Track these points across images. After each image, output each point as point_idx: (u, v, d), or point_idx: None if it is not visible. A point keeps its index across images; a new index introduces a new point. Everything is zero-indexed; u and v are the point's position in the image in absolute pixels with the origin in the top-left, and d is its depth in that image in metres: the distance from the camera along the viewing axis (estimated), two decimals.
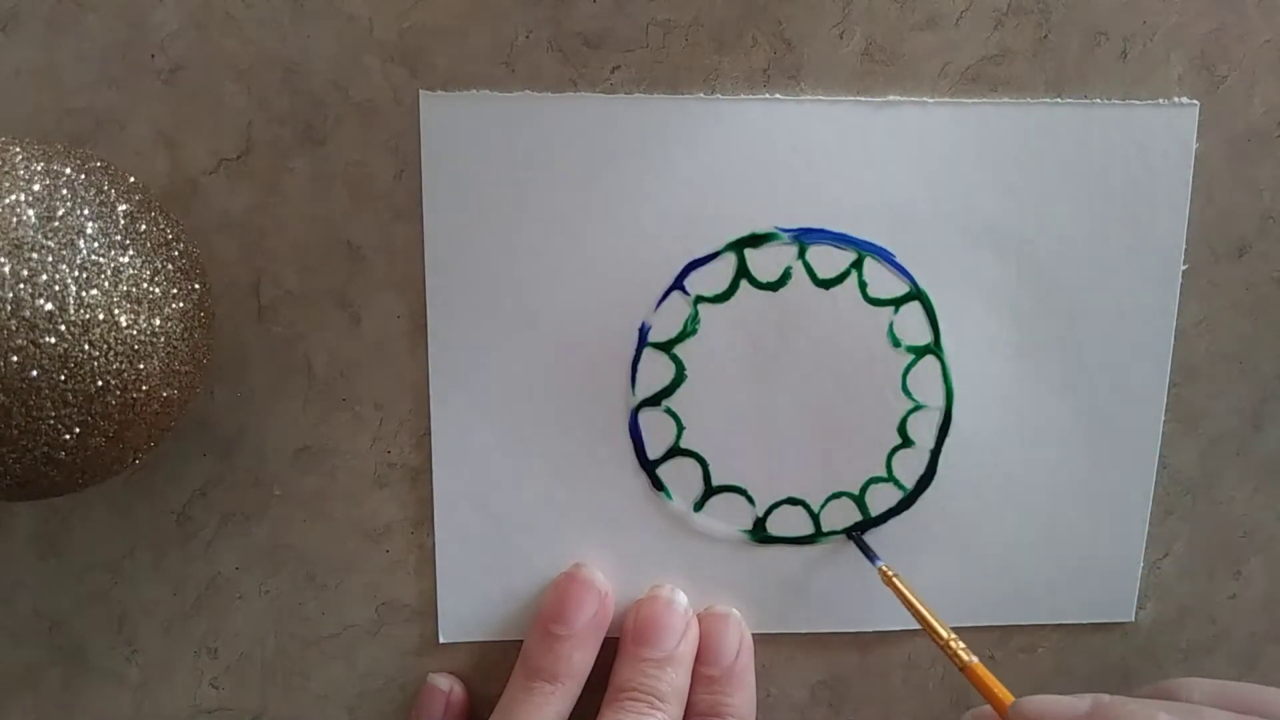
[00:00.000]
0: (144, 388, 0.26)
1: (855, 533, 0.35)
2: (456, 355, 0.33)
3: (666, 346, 0.34)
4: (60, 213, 0.25)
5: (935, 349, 0.34)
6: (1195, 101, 0.34)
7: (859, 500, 0.35)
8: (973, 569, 0.36)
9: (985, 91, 0.33)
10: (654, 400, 0.34)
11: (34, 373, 0.24)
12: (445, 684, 0.35)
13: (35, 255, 0.24)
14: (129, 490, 0.33)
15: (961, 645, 0.30)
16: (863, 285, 0.34)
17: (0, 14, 0.30)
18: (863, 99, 0.33)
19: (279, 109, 0.31)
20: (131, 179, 0.28)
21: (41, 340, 0.24)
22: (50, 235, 0.24)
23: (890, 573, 0.33)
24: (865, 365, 0.34)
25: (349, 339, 0.33)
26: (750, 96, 0.32)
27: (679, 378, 0.34)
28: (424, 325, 0.33)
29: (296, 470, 0.34)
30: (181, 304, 0.27)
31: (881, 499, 0.35)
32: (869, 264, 0.34)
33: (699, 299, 0.33)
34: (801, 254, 0.33)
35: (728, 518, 0.35)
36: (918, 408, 0.35)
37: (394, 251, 0.32)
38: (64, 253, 0.24)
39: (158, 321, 0.26)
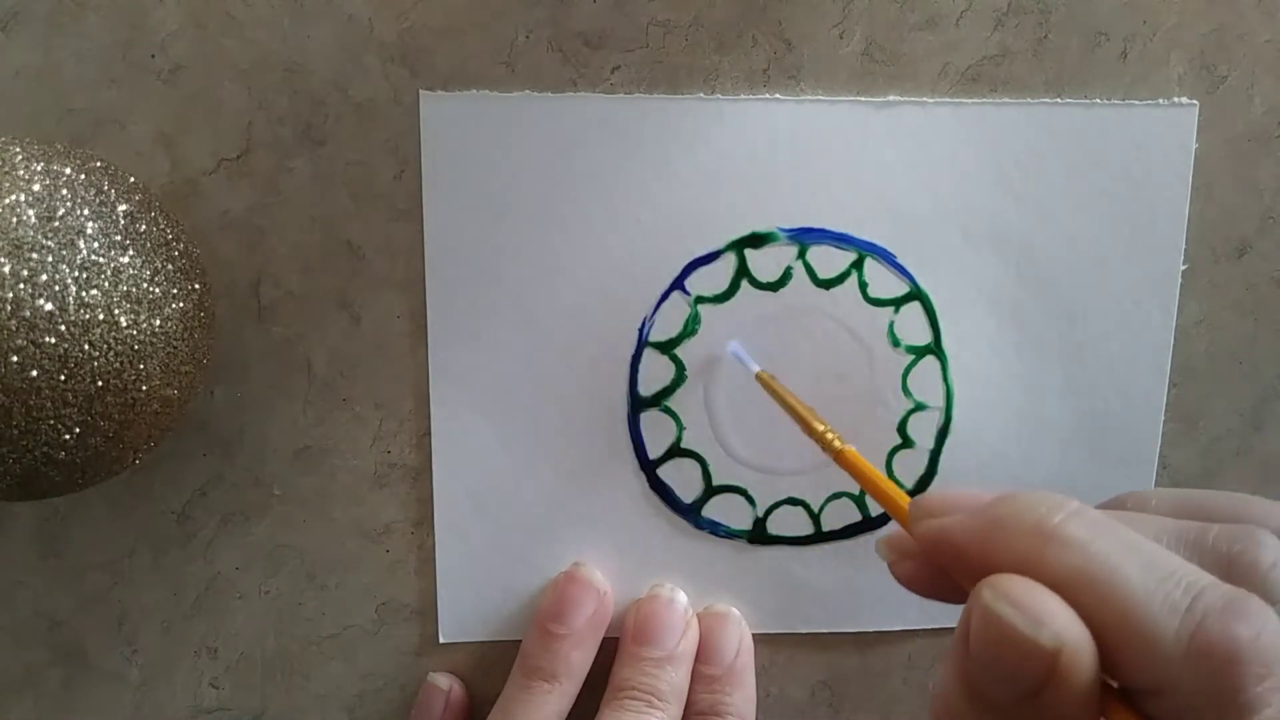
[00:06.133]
0: (144, 388, 0.26)
1: (733, 345, 0.33)
2: (456, 355, 0.33)
3: (666, 346, 0.34)
4: (60, 213, 0.25)
5: (935, 349, 0.34)
6: (1195, 101, 0.34)
7: (859, 500, 0.35)
8: None
9: (985, 91, 0.33)
10: (654, 400, 0.34)
11: (34, 373, 0.24)
12: (445, 683, 0.35)
13: (35, 255, 0.24)
14: (129, 490, 0.33)
15: (836, 435, 0.28)
16: (863, 285, 0.34)
17: (0, 14, 0.30)
18: (863, 99, 0.33)
19: (279, 109, 0.31)
20: (131, 179, 0.28)
21: (41, 340, 0.24)
22: (50, 235, 0.24)
23: (767, 376, 0.32)
24: (865, 365, 0.34)
25: (349, 339, 0.33)
26: (750, 96, 0.32)
27: (679, 378, 0.34)
28: (424, 325, 0.33)
29: (296, 470, 0.34)
30: (181, 304, 0.27)
31: None
32: (869, 264, 0.34)
33: (699, 299, 0.33)
34: (802, 254, 0.33)
35: (728, 518, 0.35)
36: (918, 408, 0.35)
37: (394, 251, 0.32)
38: (64, 253, 0.24)
39: (158, 321, 0.26)
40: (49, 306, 0.24)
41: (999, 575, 0.19)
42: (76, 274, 0.24)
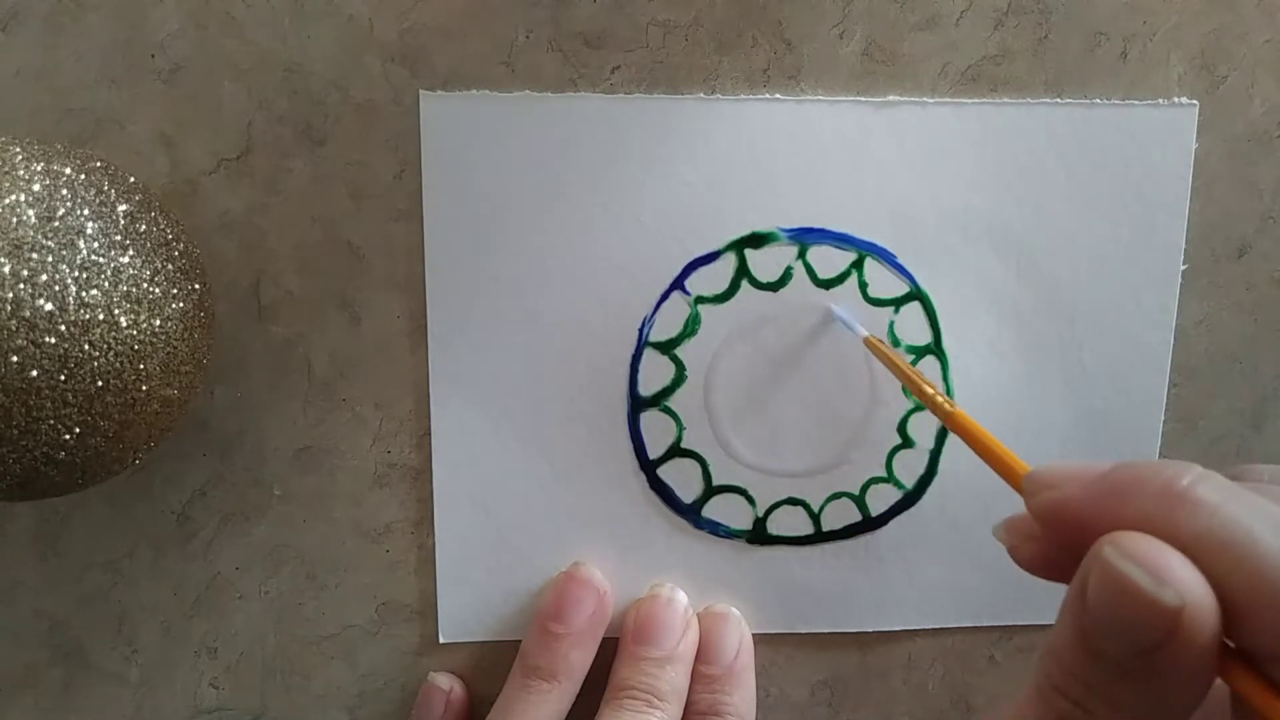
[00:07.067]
0: (144, 388, 0.26)
1: (838, 310, 0.33)
2: (456, 355, 0.33)
3: (666, 346, 0.34)
4: (60, 213, 0.25)
5: (935, 349, 0.34)
6: (1195, 102, 0.34)
7: (859, 500, 0.35)
8: (973, 569, 0.36)
9: (985, 91, 0.33)
10: (654, 400, 0.34)
11: (34, 373, 0.24)
12: (445, 683, 0.35)
13: (35, 255, 0.24)
14: (129, 490, 0.33)
15: (946, 399, 0.28)
16: (863, 285, 0.34)
17: (0, 14, 0.30)
18: (863, 99, 0.33)
19: (279, 109, 0.31)
20: (131, 179, 0.28)
21: (41, 340, 0.24)
22: (50, 235, 0.24)
23: (875, 340, 0.32)
24: (865, 365, 0.34)
25: (349, 339, 0.33)
26: (750, 96, 0.32)
27: (679, 378, 0.34)
28: (424, 325, 0.33)
29: (296, 470, 0.34)
30: (181, 304, 0.27)
31: (882, 499, 0.35)
32: (869, 264, 0.34)
33: (699, 299, 0.33)
34: (802, 254, 0.33)
35: (728, 518, 0.35)
36: (918, 408, 0.35)
37: (394, 251, 0.32)
38: (64, 253, 0.24)
39: (158, 321, 0.26)
40: (49, 306, 0.24)
41: (1121, 532, 0.19)
42: (76, 274, 0.24)
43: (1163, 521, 0.18)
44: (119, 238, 0.26)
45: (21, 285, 0.24)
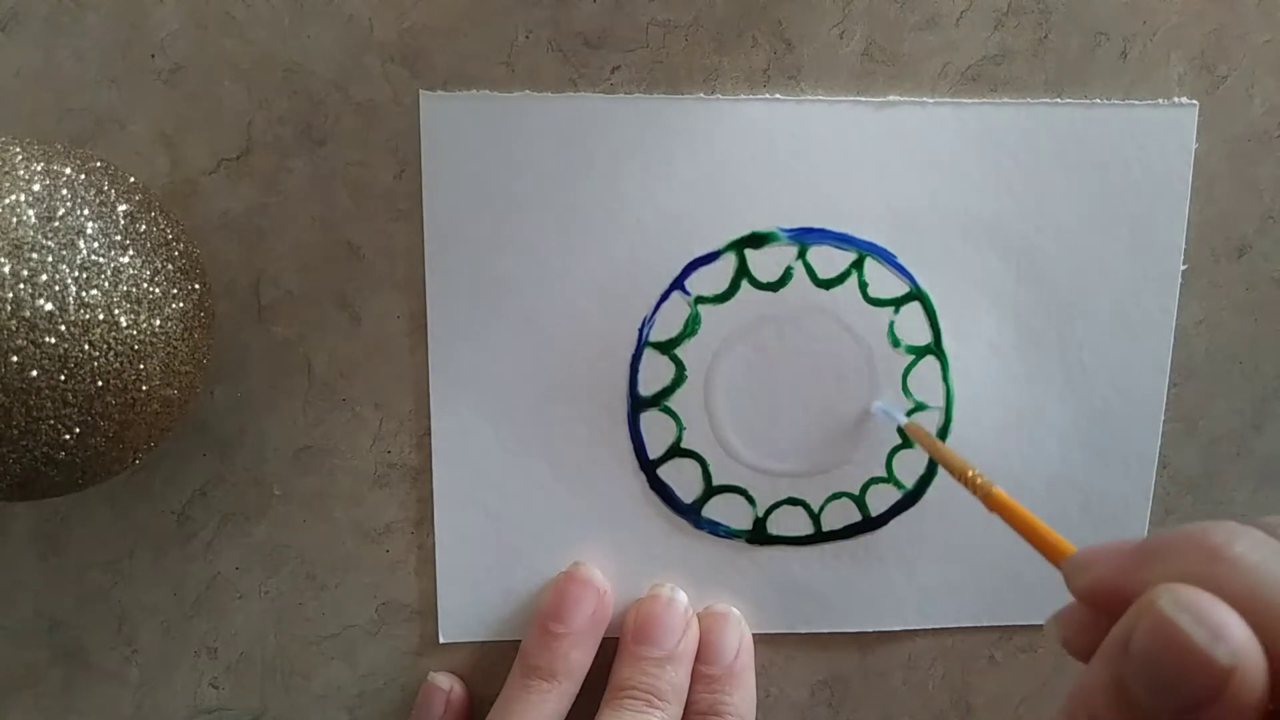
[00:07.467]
0: (144, 388, 0.26)
1: (878, 404, 0.34)
2: (456, 355, 0.33)
3: (666, 346, 0.34)
4: (60, 213, 0.25)
5: (935, 349, 0.34)
6: (1195, 101, 0.34)
7: (859, 500, 0.35)
8: (973, 569, 0.36)
9: (985, 91, 0.33)
10: (654, 400, 0.34)
11: (34, 373, 0.24)
12: (445, 683, 0.35)
13: (35, 255, 0.24)
14: (129, 490, 0.33)
15: (984, 478, 0.27)
16: (863, 285, 0.34)
17: (0, 14, 0.30)
18: (863, 99, 0.33)
19: (279, 109, 0.31)
20: (131, 179, 0.28)
21: (41, 340, 0.24)
22: (50, 235, 0.24)
23: (915, 426, 0.33)
24: (865, 365, 0.34)
25: (349, 339, 0.33)
26: (750, 96, 0.32)
27: (679, 378, 0.34)
28: (424, 325, 0.33)
29: (296, 470, 0.34)
30: (181, 304, 0.27)
31: (882, 499, 0.35)
32: (869, 264, 0.34)
33: (699, 299, 0.33)
34: (802, 254, 0.33)
35: (728, 518, 0.35)
36: (918, 408, 0.35)
37: (394, 251, 0.32)
38: (64, 253, 0.24)
39: (158, 321, 0.26)
40: (49, 306, 0.24)
41: (1177, 584, 0.18)
42: (76, 274, 0.24)
43: (1204, 580, 0.18)
44: (119, 238, 0.26)
45: (21, 285, 0.24)
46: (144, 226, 0.26)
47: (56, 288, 0.24)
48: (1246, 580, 0.17)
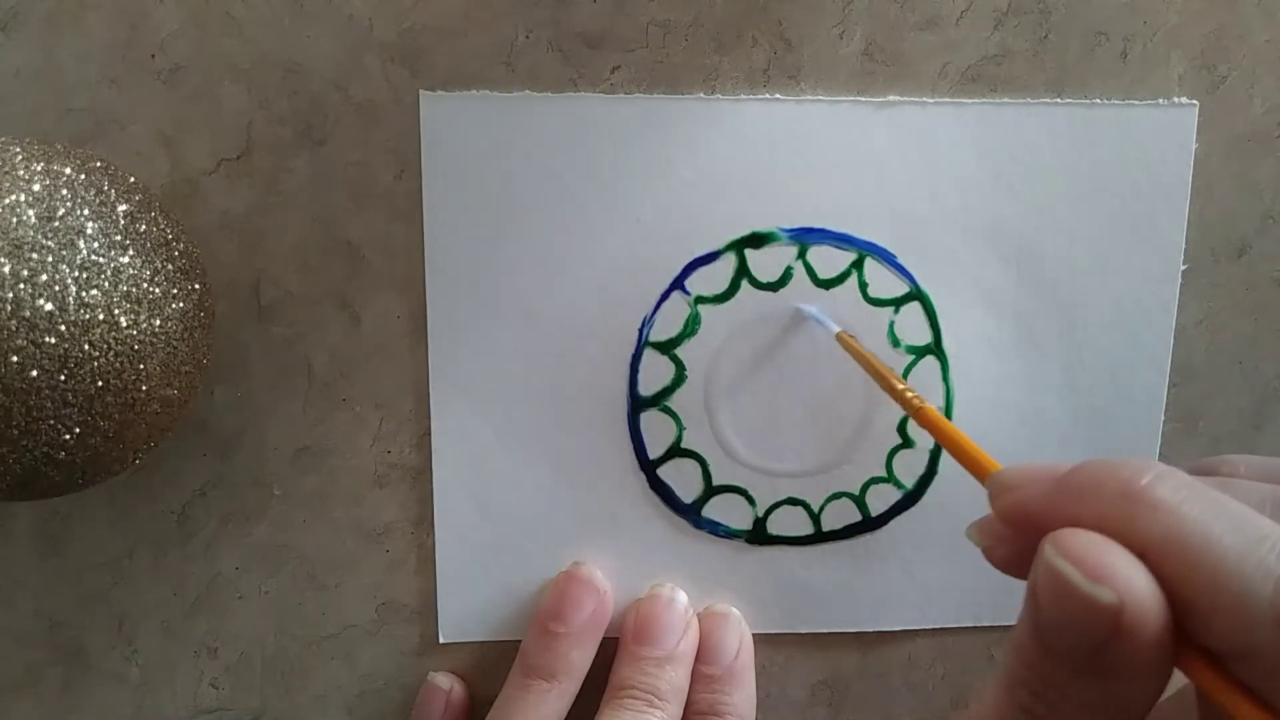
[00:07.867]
0: (144, 388, 0.26)
1: (810, 308, 0.33)
2: (456, 355, 0.33)
3: (666, 346, 0.34)
4: (60, 213, 0.25)
5: (935, 349, 0.34)
6: (1195, 101, 0.34)
7: (859, 500, 0.35)
8: (973, 569, 0.36)
9: (985, 91, 0.33)
10: (654, 400, 0.34)
11: (34, 373, 0.24)
12: (445, 683, 0.35)
13: (35, 255, 0.24)
14: (129, 490, 0.33)
15: (916, 394, 0.27)
16: (863, 285, 0.34)
17: (0, 14, 0.30)
18: (863, 99, 0.33)
19: (279, 109, 0.31)
20: (131, 179, 0.28)
21: (41, 340, 0.24)
22: (50, 235, 0.24)
23: (847, 336, 0.32)
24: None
25: (349, 339, 0.33)
26: (750, 96, 0.32)
27: (679, 378, 0.34)
28: (424, 325, 0.33)
29: (296, 470, 0.34)
30: (181, 304, 0.27)
31: (882, 499, 0.35)
32: (869, 264, 0.34)
33: (699, 299, 0.33)
34: (802, 254, 0.33)
35: (728, 518, 0.35)
36: None
37: (394, 251, 0.32)
38: (64, 253, 0.24)
39: (158, 321, 0.26)
40: (49, 306, 0.24)
41: (1063, 530, 0.18)
42: (76, 274, 0.24)
43: (1120, 522, 0.18)
44: (119, 238, 0.26)
45: (21, 285, 0.24)
46: (144, 226, 0.26)
47: (56, 288, 0.24)
48: (1161, 523, 0.18)
